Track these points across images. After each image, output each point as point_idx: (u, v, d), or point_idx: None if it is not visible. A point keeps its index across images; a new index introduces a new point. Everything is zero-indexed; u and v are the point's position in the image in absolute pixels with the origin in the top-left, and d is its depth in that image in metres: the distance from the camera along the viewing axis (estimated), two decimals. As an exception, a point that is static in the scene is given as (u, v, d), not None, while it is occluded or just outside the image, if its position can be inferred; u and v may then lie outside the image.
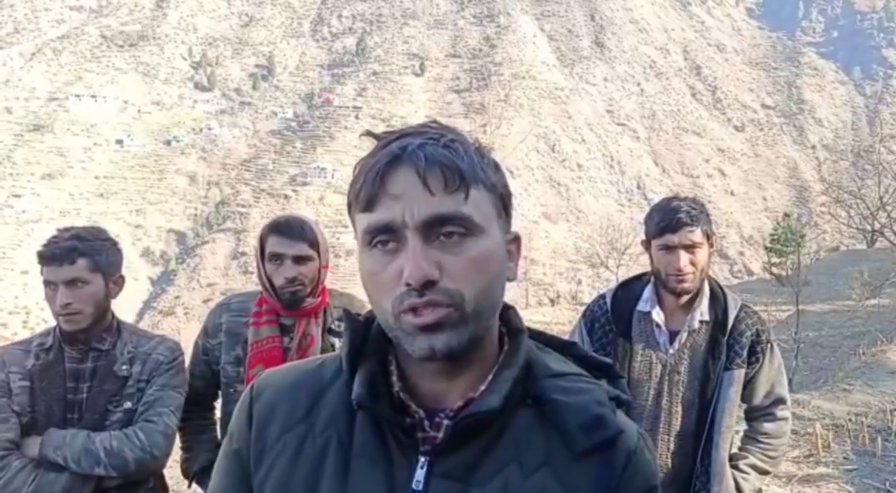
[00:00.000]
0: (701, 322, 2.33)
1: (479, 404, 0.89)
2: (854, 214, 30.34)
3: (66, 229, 2.17)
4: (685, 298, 2.32)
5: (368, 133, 0.93)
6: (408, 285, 0.84)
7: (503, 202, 0.93)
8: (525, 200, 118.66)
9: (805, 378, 8.20)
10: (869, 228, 29.46)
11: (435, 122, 0.94)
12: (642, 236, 2.39)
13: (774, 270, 23.06)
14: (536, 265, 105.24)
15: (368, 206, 0.87)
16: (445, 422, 0.90)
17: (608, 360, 0.99)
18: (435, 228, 0.85)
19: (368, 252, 0.88)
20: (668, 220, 2.24)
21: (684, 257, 2.22)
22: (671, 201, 2.31)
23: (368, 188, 0.86)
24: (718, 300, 2.36)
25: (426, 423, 0.91)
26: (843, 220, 31.65)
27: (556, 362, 0.98)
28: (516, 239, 0.96)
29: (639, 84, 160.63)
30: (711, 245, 2.31)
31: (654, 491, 0.95)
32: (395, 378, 0.93)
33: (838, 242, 35.62)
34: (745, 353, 2.31)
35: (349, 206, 0.91)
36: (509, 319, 0.98)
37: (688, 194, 2.53)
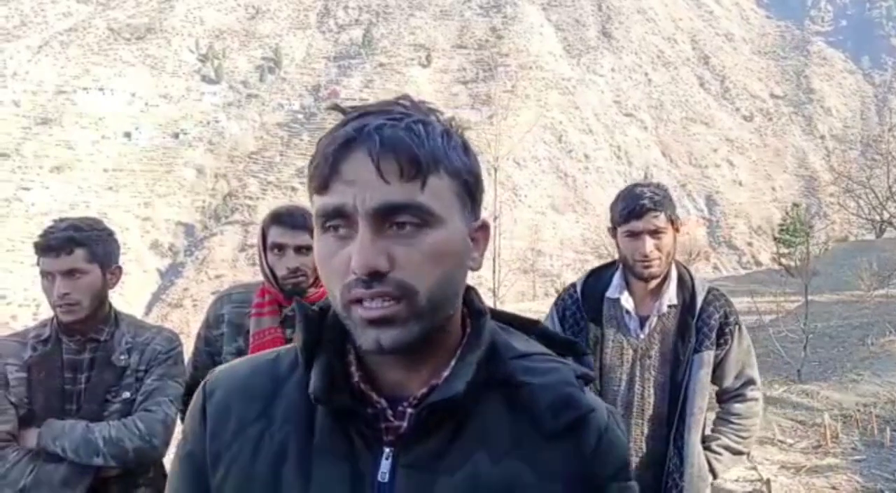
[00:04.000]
0: (670, 307, 2.34)
1: (442, 390, 0.86)
2: (863, 204, 30.24)
3: (63, 220, 2.15)
4: (653, 283, 2.33)
5: (335, 107, 0.90)
6: (354, 273, 0.80)
7: (468, 189, 0.88)
8: (532, 192, 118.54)
9: (813, 369, 8.18)
10: (878, 218, 29.35)
11: (406, 97, 0.89)
12: (608, 224, 2.41)
13: (783, 260, 23.05)
14: (543, 256, 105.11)
15: (321, 188, 0.83)
16: (409, 411, 0.88)
17: (572, 338, 0.97)
18: (387, 217, 0.81)
19: (322, 236, 0.85)
20: (632, 206, 2.25)
21: (650, 242, 2.24)
22: (635, 188, 2.32)
23: (321, 170, 0.83)
24: (686, 284, 2.38)
25: (389, 413, 0.88)
26: (851, 210, 31.53)
27: (521, 342, 0.95)
28: (483, 226, 0.91)
29: (646, 74, 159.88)
30: (677, 230, 2.32)
31: (626, 468, 0.94)
32: (353, 368, 0.90)
33: (847, 233, 35.43)
34: (713, 335, 2.32)
35: (308, 184, 0.87)
36: (471, 300, 0.95)
37: (695, 185, 2.52)
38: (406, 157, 0.81)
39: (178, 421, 2.28)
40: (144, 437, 2.06)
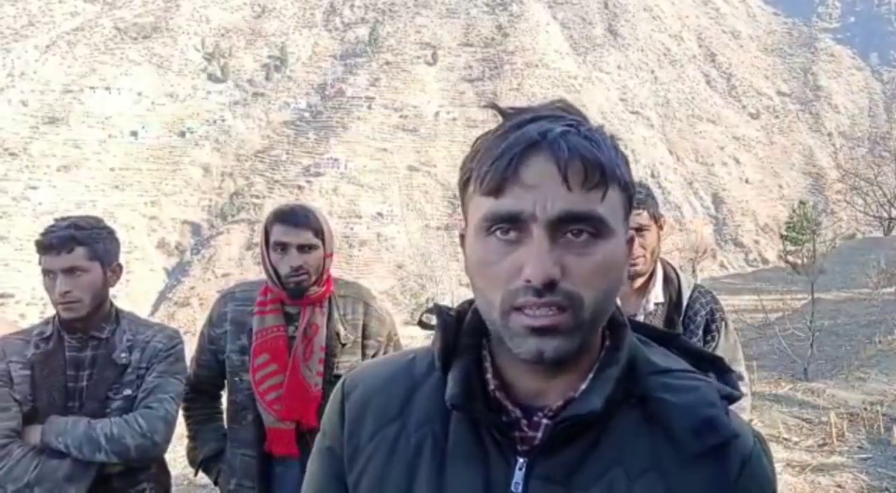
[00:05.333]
0: (656, 305, 2.36)
1: (579, 405, 0.85)
2: (870, 201, 30.18)
3: (64, 219, 2.17)
4: (639, 281, 2.35)
5: (493, 106, 0.88)
6: (528, 281, 0.79)
7: (630, 201, 0.88)
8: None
9: (820, 367, 8.16)
10: (885, 215, 29.26)
11: (562, 101, 0.88)
12: None
13: (790, 258, 22.95)
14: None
15: (495, 191, 0.81)
16: (544, 422, 0.87)
17: (716, 353, 0.96)
18: (564, 226, 0.80)
19: (483, 239, 0.83)
20: None
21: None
22: None
23: (498, 173, 0.80)
24: (672, 282, 2.40)
25: (523, 422, 0.87)
26: (859, 207, 31.47)
27: (661, 358, 0.92)
28: (630, 240, 0.90)
29: (653, 72, 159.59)
30: (660, 227, 2.34)
31: None
32: (489, 376, 0.90)
33: (854, 230, 35.32)
34: (700, 332, 2.34)
35: (464, 183, 0.86)
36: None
37: (702, 183, 2.52)
38: (592, 166, 0.80)
39: (180, 418, 2.33)
40: (146, 434, 2.09)
